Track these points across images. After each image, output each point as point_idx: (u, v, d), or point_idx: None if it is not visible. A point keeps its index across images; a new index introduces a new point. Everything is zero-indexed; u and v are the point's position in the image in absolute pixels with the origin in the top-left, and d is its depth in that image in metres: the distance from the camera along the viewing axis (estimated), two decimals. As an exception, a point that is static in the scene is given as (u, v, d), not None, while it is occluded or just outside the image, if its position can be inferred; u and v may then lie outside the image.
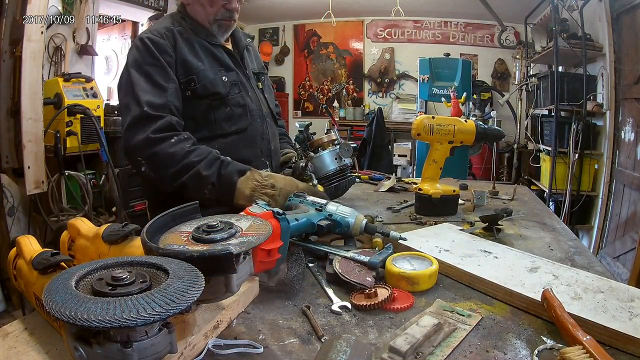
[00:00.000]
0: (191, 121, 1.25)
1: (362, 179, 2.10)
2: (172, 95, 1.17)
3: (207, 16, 1.29)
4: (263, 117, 1.41)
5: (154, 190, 1.33)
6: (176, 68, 1.20)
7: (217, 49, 1.32)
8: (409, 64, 6.14)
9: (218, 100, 1.28)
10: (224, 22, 1.31)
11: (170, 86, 1.18)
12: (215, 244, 0.65)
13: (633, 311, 0.74)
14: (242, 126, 1.33)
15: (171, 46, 1.21)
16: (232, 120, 1.31)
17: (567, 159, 3.56)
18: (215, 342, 0.67)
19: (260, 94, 1.41)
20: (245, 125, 1.34)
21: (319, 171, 1.50)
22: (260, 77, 1.43)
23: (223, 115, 1.29)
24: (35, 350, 0.63)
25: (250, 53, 1.48)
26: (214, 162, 1.12)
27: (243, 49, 1.40)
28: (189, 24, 1.30)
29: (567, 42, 3.52)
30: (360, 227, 1.05)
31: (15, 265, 0.76)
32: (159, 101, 1.14)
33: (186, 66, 1.22)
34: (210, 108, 1.28)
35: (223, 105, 1.29)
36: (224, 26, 1.32)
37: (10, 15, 2.51)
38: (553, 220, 1.47)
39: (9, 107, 2.58)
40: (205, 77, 1.24)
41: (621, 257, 3.09)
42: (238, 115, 1.32)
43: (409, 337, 0.66)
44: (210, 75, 1.25)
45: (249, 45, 1.47)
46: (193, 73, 1.23)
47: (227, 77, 1.29)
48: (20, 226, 2.77)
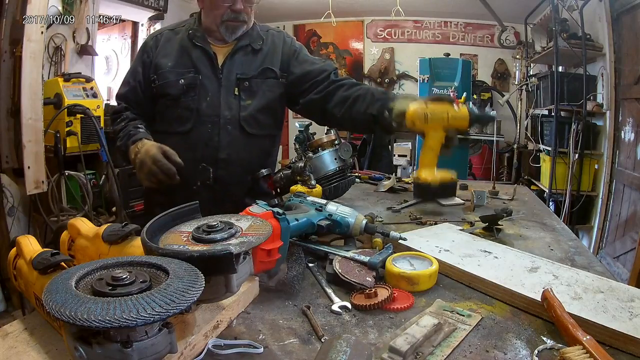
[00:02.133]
0: (157, 115, 1.45)
1: (362, 179, 2.10)
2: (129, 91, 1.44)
3: (215, 19, 1.38)
4: (217, 124, 1.37)
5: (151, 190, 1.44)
6: (150, 67, 1.40)
7: (196, 50, 1.39)
8: (409, 64, 6.14)
9: (171, 100, 1.40)
10: (231, 24, 1.39)
11: (132, 83, 1.42)
12: (215, 244, 0.65)
13: (633, 311, 0.74)
14: (185, 129, 1.39)
15: (154, 47, 1.42)
16: (179, 121, 1.40)
17: (567, 159, 3.56)
18: (215, 342, 0.67)
19: (230, 99, 1.38)
20: (187, 128, 1.39)
21: (319, 171, 1.50)
22: (242, 83, 1.38)
23: (174, 115, 1.40)
24: (35, 350, 0.63)
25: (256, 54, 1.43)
26: (126, 135, 1.34)
27: (234, 51, 1.40)
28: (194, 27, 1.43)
29: (567, 42, 3.52)
30: (360, 227, 1.05)
31: (15, 265, 0.76)
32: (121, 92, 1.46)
33: (156, 67, 1.39)
34: (166, 107, 1.42)
35: (174, 106, 1.40)
36: (231, 27, 1.39)
37: (10, 15, 2.51)
38: (553, 220, 1.47)
39: (9, 107, 2.58)
40: (163, 78, 1.38)
41: (621, 257, 3.09)
42: (185, 117, 1.39)
43: (409, 337, 0.66)
44: (168, 77, 1.38)
45: (257, 46, 1.43)
46: (157, 73, 1.39)
47: (184, 80, 1.37)
48: (20, 226, 2.77)
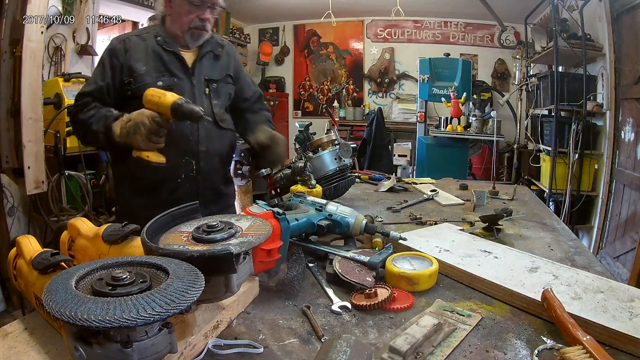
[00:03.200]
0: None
1: (362, 179, 2.10)
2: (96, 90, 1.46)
3: (182, 25, 1.46)
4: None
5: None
6: (121, 70, 1.45)
7: (168, 54, 1.48)
8: (409, 64, 6.14)
9: None
10: (196, 31, 1.48)
11: (99, 83, 1.45)
12: (215, 244, 0.65)
13: (633, 311, 0.74)
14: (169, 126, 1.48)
15: (123, 51, 1.46)
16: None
17: (567, 159, 3.56)
18: (215, 342, 0.67)
19: (203, 98, 1.51)
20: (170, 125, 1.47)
21: (319, 171, 1.50)
22: (210, 84, 1.53)
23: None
24: (35, 350, 0.63)
25: (217, 60, 1.58)
26: (101, 118, 1.37)
27: (201, 56, 1.53)
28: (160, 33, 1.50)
29: (567, 42, 3.52)
30: (360, 227, 1.05)
31: (15, 265, 0.76)
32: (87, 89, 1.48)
33: (130, 70, 1.44)
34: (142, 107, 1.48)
35: None
36: (196, 34, 1.48)
37: (10, 15, 2.51)
38: (553, 220, 1.47)
39: (9, 107, 2.58)
40: (141, 81, 1.43)
41: (621, 257, 3.09)
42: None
43: (409, 337, 0.66)
44: (146, 79, 1.43)
45: (217, 52, 1.58)
46: (133, 76, 1.44)
47: (162, 81, 1.44)
48: (20, 226, 2.77)
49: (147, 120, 1.27)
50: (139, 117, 1.29)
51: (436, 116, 5.08)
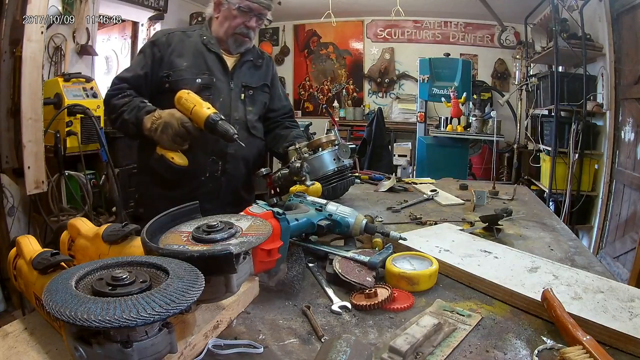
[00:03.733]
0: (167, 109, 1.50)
1: (362, 179, 2.09)
2: (132, 78, 1.49)
3: (228, 29, 1.50)
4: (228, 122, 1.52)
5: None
6: (160, 63, 1.47)
7: (211, 54, 1.51)
8: (409, 64, 6.13)
9: None
10: (240, 37, 1.52)
11: (138, 71, 1.48)
12: (215, 244, 0.65)
13: (633, 311, 0.74)
14: None
15: (166, 45, 1.49)
16: None
17: (567, 159, 3.55)
18: (215, 342, 0.67)
19: (238, 103, 1.54)
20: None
21: (318, 171, 1.50)
22: (247, 90, 1.56)
23: None
24: (35, 350, 0.63)
25: (257, 69, 1.62)
26: (134, 108, 1.39)
27: (242, 63, 1.56)
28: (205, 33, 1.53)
29: (567, 42, 3.52)
30: (360, 227, 1.05)
31: (15, 265, 0.76)
32: (125, 75, 1.51)
33: (170, 64, 1.47)
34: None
35: None
36: (239, 40, 1.53)
37: (10, 15, 2.50)
38: (553, 220, 1.47)
39: (9, 107, 2.57)
40: (180, 76, 1.46)
41: (621, 257, 3.09)
42: None
43: (409, 337, 0.66)
44: (185, 75, 1.46)
45: (258, 63, 1.62)
46: (173, 70, 1.46)
47: (201, 79, 1.47)
48: (20, 226, 2.76)
49: (175, 123, 1.28)
50: (168, 117, 1.30)
51: (436, 116, 5.08)
